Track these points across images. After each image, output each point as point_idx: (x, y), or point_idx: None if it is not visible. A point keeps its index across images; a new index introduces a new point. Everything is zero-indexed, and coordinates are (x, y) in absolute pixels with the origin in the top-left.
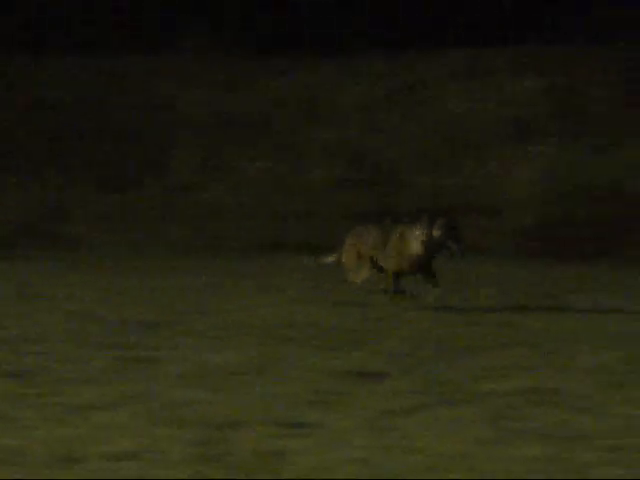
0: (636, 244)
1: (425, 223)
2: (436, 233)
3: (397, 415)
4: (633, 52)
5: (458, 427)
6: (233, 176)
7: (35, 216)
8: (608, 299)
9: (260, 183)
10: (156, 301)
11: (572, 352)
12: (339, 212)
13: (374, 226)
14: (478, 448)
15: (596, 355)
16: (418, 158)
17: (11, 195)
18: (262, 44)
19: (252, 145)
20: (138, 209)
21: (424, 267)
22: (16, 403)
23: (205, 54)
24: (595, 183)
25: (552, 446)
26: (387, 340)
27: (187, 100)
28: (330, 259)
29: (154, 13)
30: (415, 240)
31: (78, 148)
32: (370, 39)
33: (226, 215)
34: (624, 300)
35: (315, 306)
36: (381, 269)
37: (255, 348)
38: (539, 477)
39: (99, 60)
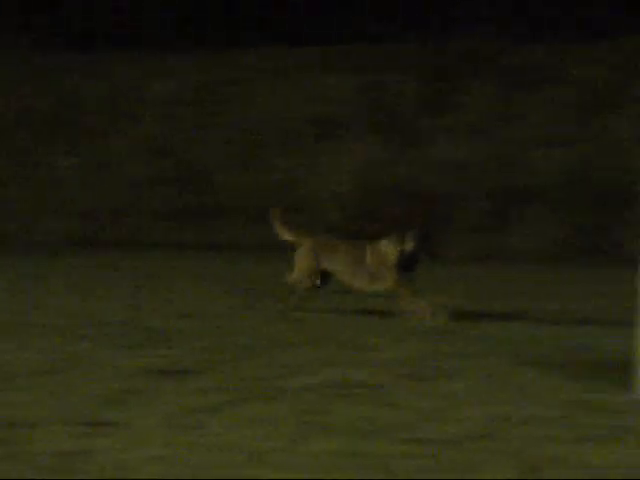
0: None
1: (396, 236)
2: (408, 246)
3: (202, 412)
4: (441, 53)
5: (264, 423)
6: (41, 173)
7: None
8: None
9: (68, 180)
10: None
11: (375, 346)
12: (149, 210)
13: (341, 241)
14: (284, 444)
15: (398, 349)
16: (229, 156)
17: None
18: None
19: (60, 142)
20: None
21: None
22: None
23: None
24: (401, 181)
25: (355, 440)
26: (192, 338)
27: None
28: (287, 236)
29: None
30: (390, 254)
31: None
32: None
33: (34, 212)
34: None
35: (121, 304)
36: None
37: (56, 347)
38: (343, 472)
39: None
